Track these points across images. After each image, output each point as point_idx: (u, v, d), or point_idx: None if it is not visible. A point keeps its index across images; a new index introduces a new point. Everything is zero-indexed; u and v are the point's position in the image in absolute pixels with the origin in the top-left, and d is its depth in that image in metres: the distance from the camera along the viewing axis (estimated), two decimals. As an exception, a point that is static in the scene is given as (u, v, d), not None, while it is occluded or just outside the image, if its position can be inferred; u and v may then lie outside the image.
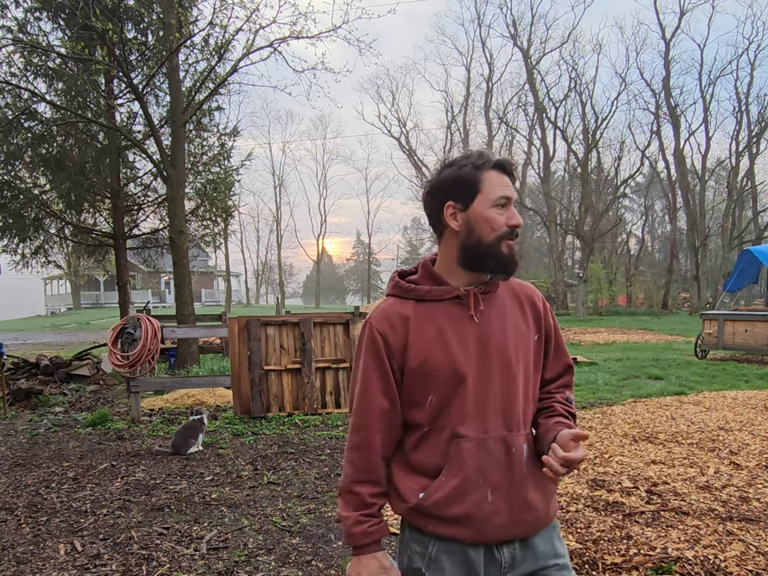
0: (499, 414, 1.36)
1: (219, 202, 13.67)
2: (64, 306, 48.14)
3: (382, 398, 1.38)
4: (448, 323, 1.37)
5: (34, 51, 10.92)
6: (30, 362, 9.15)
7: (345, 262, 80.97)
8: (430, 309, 1.38)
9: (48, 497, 4.26)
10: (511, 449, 1.36)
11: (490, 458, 1.35)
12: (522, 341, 1.41)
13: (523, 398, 1.40)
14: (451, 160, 1.40)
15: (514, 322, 1.41)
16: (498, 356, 1.36)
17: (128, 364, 6.73)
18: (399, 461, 1.42)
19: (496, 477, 1.35)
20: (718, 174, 38.59)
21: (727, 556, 2.87)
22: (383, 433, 1.39)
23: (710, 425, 5.66)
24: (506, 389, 1.37)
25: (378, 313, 1.42)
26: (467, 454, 1.34)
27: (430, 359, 1.35)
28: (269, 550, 3.32)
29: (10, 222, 12.19)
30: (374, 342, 1.38)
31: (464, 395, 1.34)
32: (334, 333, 7.20)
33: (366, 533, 1.36)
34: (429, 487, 1.35)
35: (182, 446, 5.29)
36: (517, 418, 1.38)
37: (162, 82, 12.41)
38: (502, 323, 1.39)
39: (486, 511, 1.33)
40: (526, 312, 1.44)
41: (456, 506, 1.34)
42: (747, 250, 13.91)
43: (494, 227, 1.35)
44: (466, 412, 1.34)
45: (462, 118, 40.67)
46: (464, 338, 1.36)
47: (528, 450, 1.39)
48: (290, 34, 10.80)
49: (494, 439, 1.35)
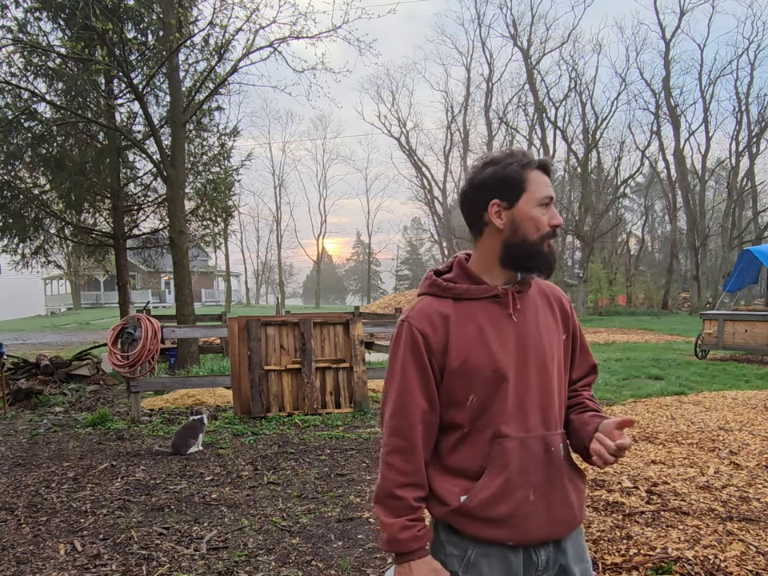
0: (538, 413, 1.36)
1: (219, 201, 13.67)
2: (64, 306, 48.13)
3: (422, 398, 1.36)
4: (487, 322, 1.36)
5: (34, 51, 10.92)
6: (30, 362, 9.15)
7: (345, 262, 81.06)
8: (468, 308, 1.38)
9: (48, 497, 4.26)
10: (550, 447, 1.37)
11: (532, 457, 1.35)
12: (554, 340, 1.42)
13: (559, 397, 1.42)
14: (494, 157, 1.39)
15: (545, 322, 1.42)
16: (535, 355, 1.37)
17: (128, 364, 6.73)
18: (435, 464, 1.40)
19: (537, 476, 1.35)
20: (717, 174, 38.59)
21: (727, 556, 2.87)
22: (424, 435, 1.37)
23: (710, 425, 5.66)
24: (544, 388, 1.38)
25: (416, 312, 1.40)
26: (511, 454, 1.33)
27: (471, 358, 1.34)
28: (269, 549, 3.32)
29: (10, 222, 12.19)
30: (414, 342, 1.36)
31: (505, 394, 1.34)
32: (333, 333, 7.20)
33: (415, 537, 1.32)
34: (472, 489, 1.34)
35: (182, 446, 5.29)
36: (554, 416, 1.39)
37: (162, 82, 12.41)
38: (536, 322, 1.40)
39: (528, 511, 1.33)
40: (555, 312, 1.46)
41: (500, 506, 1.33)
42: (747, 249, 13.90)
43: (538, 226, 1.36)
44: (508, 411, 1.34)
45: (462, 118, 40.69)
46: (503, 336, 1.36)
47: (564, 449, 1.40)
48: (290, 34, 10.81)
49: (534, 438, 1.35)
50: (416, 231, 64.89)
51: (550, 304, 1.46)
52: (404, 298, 22.95)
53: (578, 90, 34.42)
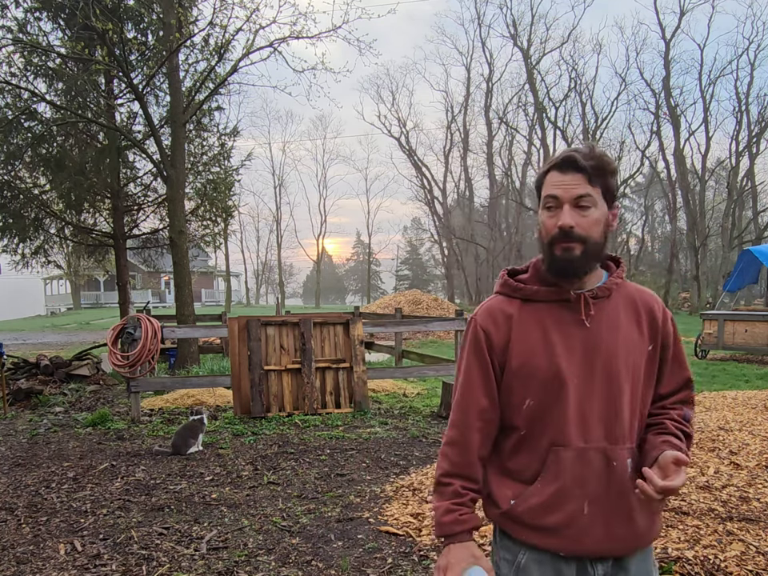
0: (601, 425, 1.31)
1: (219, 201, 13.67)
2: (64, 306, 48.13)
3: (483, 395, 1.37)
4: (554, 326, 1.33)
5: (34, 51, 10.92)
6: (30, 362, 9.15)
7: (345, 262, 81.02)
8: (536, 309, 1.35)
9: (48, 497, 4.26)
10: (612, 462, 1.31)
11: (589, 469, 1.30)
12: (634, 350, 1.34)
13: (630, 410, 1.33)
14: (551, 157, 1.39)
15: (626, 330, 1.35)
16: (604, 364, 1.31)
17: (128, 364, 6.73)
18: (495, 464, 1.41)
19: (594, 489, 1.30)
20: (717, 174, 38.58)
21: (727, 556, 2.87)
22: (482, 432, 1.38)
23: (710, 425, 5.66)
24: (611, 399, 1.31)
25: (483, 310, 1.41)
26: (565, 463, 1.30)
27: (532, 361, 1.32)
28: (269, 549, 3.32)
29: (10, 222, 12.19)
30: (477, 339, 1.38)
31: (565, 402, 1.30)
32: (333, 333, 7.20)
33: (457, 521, 1.34)
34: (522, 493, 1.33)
35: (182, 446, 5.29)
36: (621, 430, 1.32)
37: (162, 82, 12.41)
38: (612, 330, 1.33)
39: (582, 523, 1.30)
40: (642, 320, 1.37)
41: (550, 515, 1.31)
42: (747, 249, 13.91)
43: (546, 230, 1.33)
44: (566, 419, 1.30)
45: (462, 118, 40.65)
46: (570, 342, 1.32)
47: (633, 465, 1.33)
48: (290, 34, 10.81)
49: (594, 450, 1.30)
50: (416, 231, 64.91)
51: (636, 311, 1.38)
52: (404, 298, 22.93)
53: (577, 90, 34.45)
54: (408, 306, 21.09)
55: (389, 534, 3.49)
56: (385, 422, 6.46)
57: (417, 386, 8.81)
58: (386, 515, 3.77)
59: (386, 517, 3.74)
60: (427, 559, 3.14)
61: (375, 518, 3.74)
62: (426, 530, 3.48)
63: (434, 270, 65.92)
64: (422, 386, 8.93)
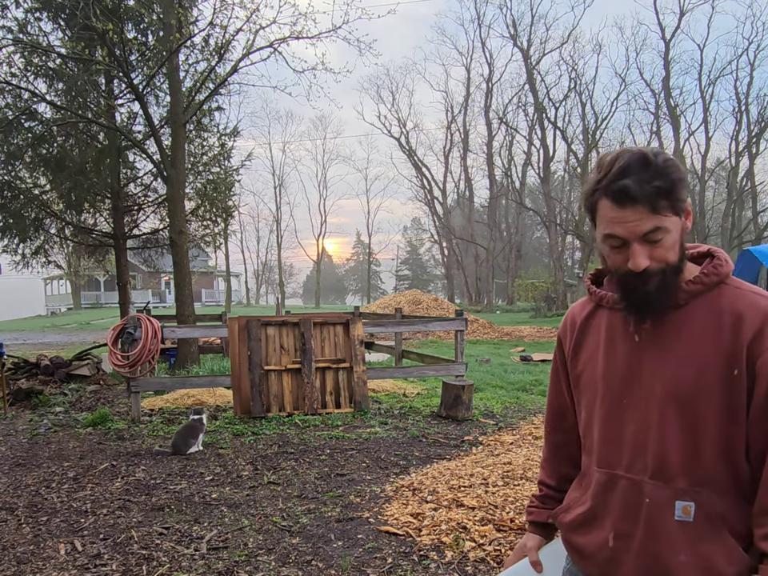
0: (641, 455, 1.14)
1: (219, 202, 13.68)
2: (64, 306, 48.14)
3: (557, 396, 1.41)
4: (609, 337, 1.21)
5: (34, 51, 10.92)
6: (30, 362, 9.15)
7: (345, 262, 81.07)
8: (603, 317, 1.24)
9: (48, 497, 4.26)
10: (644, 498, 1.13)
11: (619, 499, 1.17)
12: (697, 373, 1.09)
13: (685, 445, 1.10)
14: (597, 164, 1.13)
15: (692, 348, 1.10)
16: (649, 386, 1.13)
17: (128, 364, 6.73)
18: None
19: (622, 524, 1.16)
20: (717, 174, 38.61)
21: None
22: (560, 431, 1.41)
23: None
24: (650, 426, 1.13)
25: (568, 311, 1.38)
26: (598, 487, 1.21)
27: (585, 373, 1.25)
28: (269, 549, 3.32)
29: (10, 222, 12.19)
30: (558, 341, 1.38)
31: (604, 421, 1.21)
32: (334, 333, 7.20)
33: (527, 510, 1.46)
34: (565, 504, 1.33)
35: (182, 446, 5.30)
36: (665, 465, 1.11)
37: (162, 83, 12.42)
38: (670, 347, 1.12)
39: (606, 557, 1.18)
40: (723, 337, 1.09)
41: (579, 536, 1.25)
42: (747, 250, 13.89)
43: (613, 265, 1.14)
44: (604, 441, 1.21)
45: (462, 118, 40.69)
46: (614, 355, 1.19)
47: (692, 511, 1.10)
48: (290, 35, 10.80)
49: (628, 481, 1.15)
50: (416, 231, 64.99)
51: (720, 326, 1.10)
52: (404, 298, 22.94)
53: (577, 91, 34.48)
54: (408, 306, 21.09)
55: (389, 533, 3.49)
56: (385, 422, 6.46)
57: (417, 386, 8.81)
58: (386, 515, 3.77)
59: (386, 517, 3.74)
60: (427, 559, 3.15)
61: (375, 517, 3.74)
62: (425, 529, 3.48)
63: (434, 270, 65.96)
64: (422, 385, 8.94)
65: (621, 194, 1.06)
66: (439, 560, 3.12)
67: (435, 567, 3.06)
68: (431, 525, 3.51)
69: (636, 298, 1.13)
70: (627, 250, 1.09)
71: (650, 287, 1.10)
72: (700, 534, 1.09)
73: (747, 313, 1.09)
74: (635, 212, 1.06)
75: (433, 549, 3.25)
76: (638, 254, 1.08)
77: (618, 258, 1.12)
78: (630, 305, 1.15)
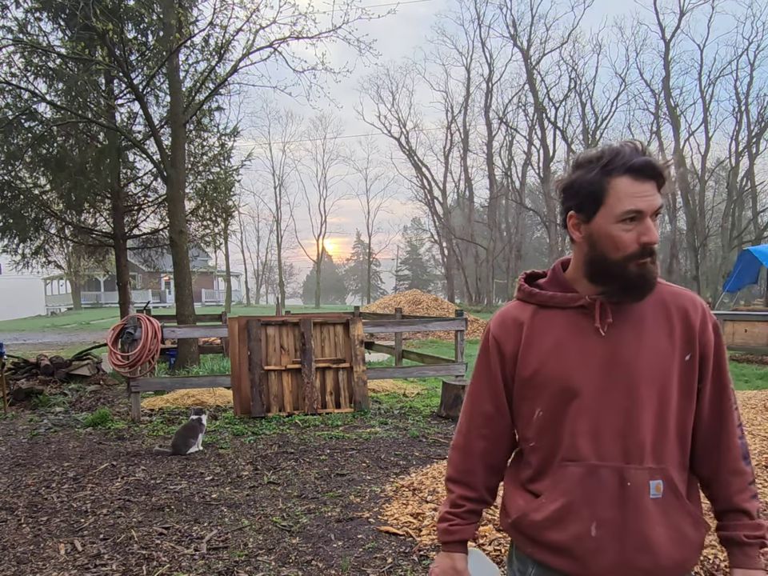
0: (617, 442, 1.20)
1: (219, 202, 13.68)
2: (64, 306, 48.13)
3: (488, 403, 1.34)
4: (569, 334, 1.24)
5: (34, 51, 10.92)
6: (30, 362, 9.15)
7: (345, 262, 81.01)
8: (551, 316, 1.27)
9: (48, 497, 4.26)
10: (626, 482, 1.19)
11: (600, 489, 1.20)
12: (661, 361, 1.21)
13: (655, 428, 1.20)
14: (585, 158, 1.21)
15: (653, 338, 1.22)
16: (623, 376, 1.20)
17: (128, 364, 6.73)
18: (511, 474, 1.38)
19: (605, 511, 1.19)
20: (717, 174, 38.58)
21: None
22: (487, 439, 1.35)
23: (710, 425, 5.65)
24: (629, 414, 1.20)
25: (497, 316, 1.36)
26: (573, 480, 1.21)
27: (543, 370, 1.25)
28: (269, 549, 3.32)
29: (10, 222, 12.20)
30: (487, 347, 1.34)
31: (576, 415, 1.22)
32: (334, 333, 7.20)
33: (446, 530, 1.36)
34: (530, 506, 1.28)
35: (182, 446, 5.30)
36: (639, 449, 1.20)
37: (162, 82, 12.42)
38: (635, 338, 1.22)
39: (589, 547, 1.20)
40: (674, 326, 1.23)
41: (553, 533, 1.24)
42: (747, 249, 13.92)
43: (618, 246, 1.18)
44: (577, 433, 1.22)
45: (462, 118, 40.63)
46: (585, 351, 1.22)
47: (662, 488, 1.20)
48: (290, 35, 10.81)
49: (607, 469, 1.20)
50: (416, 231, 64.92)
51: (668, 317, 1.24)
52: (404, 298, 22.94)
53: (577, 91, 34.48)
54: (408, 306, 21.09)
55: (389, 533, 3.49)
56: (385, 422, 6.46)
57: (417, 386, 8.81)
58: (386, 515, 3.77)
59: (386, 517, 3.74)
60: (427, 559, 3.15)
61: (375, 517, 3.74)
62: (426, 529, 3.48)
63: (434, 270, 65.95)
64: (422, 385, 8.93)
65: (647, 168, 1.14)
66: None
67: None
68: (431, 525, 3.51)
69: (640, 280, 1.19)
70: (637, 228, 1.16)
71: (650, 269, 1.19)
72: (669, 508, 1.21)
73: (690, 308, 1.25)
74: (652, 187, 1.16)
75: (433, 549, 3.25)
76: (653, 230, 1.16)
77: (629, 236, 1.17)
78: (634, 286, 1.20)
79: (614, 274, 1.20)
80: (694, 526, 1.24)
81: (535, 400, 1.27)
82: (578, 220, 1.23)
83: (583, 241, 1.23)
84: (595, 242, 1.21)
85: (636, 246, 1.17)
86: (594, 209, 1.19)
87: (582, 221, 1.22)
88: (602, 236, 1.19)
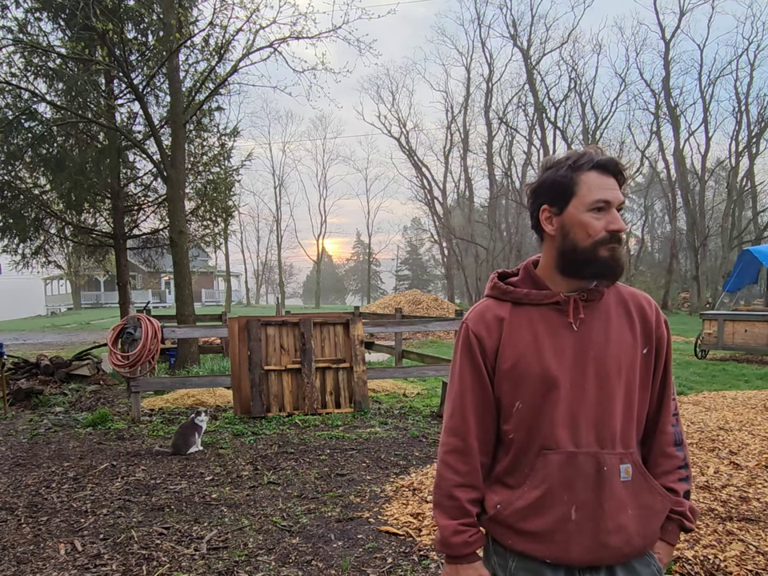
0: (592, 430, 1.29)
1: (219, 202, 13.68)
2: (64, 306, 48.13)
3: (478, 400, 1.36)
4: (544, 329, 1.32)
5: (34, 51, 10.93)
6: (30, 362, 9.15)
7: (345, 262, 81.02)
8: (526, 313, 1.34)
9: (48, 497, 4.26)
10: (602, 467, 1.27)
11: (578, 474, 1.28)
12: (627, 354, 1.32)
13: (623, 415, 1.31)
14: (554, 161, 1.34)
15: (618, 333, 1.33)
16: (595, 368, 1.30)
17: (128, 364, 6.73)
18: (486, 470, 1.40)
19: (583, 495, 1.27)
20: (717, 174, 38.58)
21: (727, 556, 2.88)
22: (480, 439, 1.37)
23: (710, 425, 5.66)
24: (603, 403, 1.29)
25: (474, 314, 1.39)
26: (553, 467, 1.28)
27: (521, 363, 1.31)
28: (269, 549, 3.32)
29: (10, 222, 12.20)
30: (469, 344, 1.36)
31: (554, 405, 1.29)
32: (334, 333, 7.20)
33: (466, 543, 1.33)
34: (509, 497, 1.32)
35: (182, 446, 5.30)
36: (611, 435, 1.29)
37: (162, 82, 12.42)
38: (604, 333, 1.32)
39: (569, 530, 1.27)
40: (634, 322, 1.35)
41: (535, 520, 1.29)
42: (747, 249, 13.91)
43: (589, 233, 1.28)
44: (556, 423, 1.29)
45: (462, 118, 40.61)
46: (560, 346, 1.31)
47: (630, 471, 1.30)
48: (290, 35, 10.82)
49: (584, 455, 1.28)
50: (416, 231, 64.94)
51: (629, 314, 1.35)
52: (404, 298, 22.93)
53: (577, 91, 34.47)
54: (408, 306, 21.09)
55: (389, 533, 3.49)
56: (385, 422, 6.46)
57: (417, 386, 8.81)
58: (386, 515, 3.77)
59: (386, 517, 3.74)
60: (427, 559, 3.15)
61: (375, 517, 3.74)
62: (425, 529, 3.48)
63: (434, 270, 65.92)
64: (422, 385, 8.93)
65: (608, 164, 1.30)
66: (439, 560, 3.12)
67: (435, 567, 3.06)
68: (431, 525, 3.51)
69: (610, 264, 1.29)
70: (605, 217, 1.28)
71: (619, 254, 1.30)
72: (639, 489, 1.31)
73: (646, 306, 1.38)
74: (615, 182, 1.30)
75: (433, 549, 3.25)
76: (620, 218, 1.30)
77: (599, 224, 1.28)
78: (604, 270, 1.30)
79: (586, 261, 1.30)
80: (661, 499, 1.34)
81: (515, 393, 1.32)
82: (551, 213, 1.33)
83: (556, 232, 1.33)
84: (567, 231, 1.31)
85: (605, 232, 1.28)
86: (567, 200, 1.30)
87: (554, 213, 1.32)
88: (574, 224, 1.30)
